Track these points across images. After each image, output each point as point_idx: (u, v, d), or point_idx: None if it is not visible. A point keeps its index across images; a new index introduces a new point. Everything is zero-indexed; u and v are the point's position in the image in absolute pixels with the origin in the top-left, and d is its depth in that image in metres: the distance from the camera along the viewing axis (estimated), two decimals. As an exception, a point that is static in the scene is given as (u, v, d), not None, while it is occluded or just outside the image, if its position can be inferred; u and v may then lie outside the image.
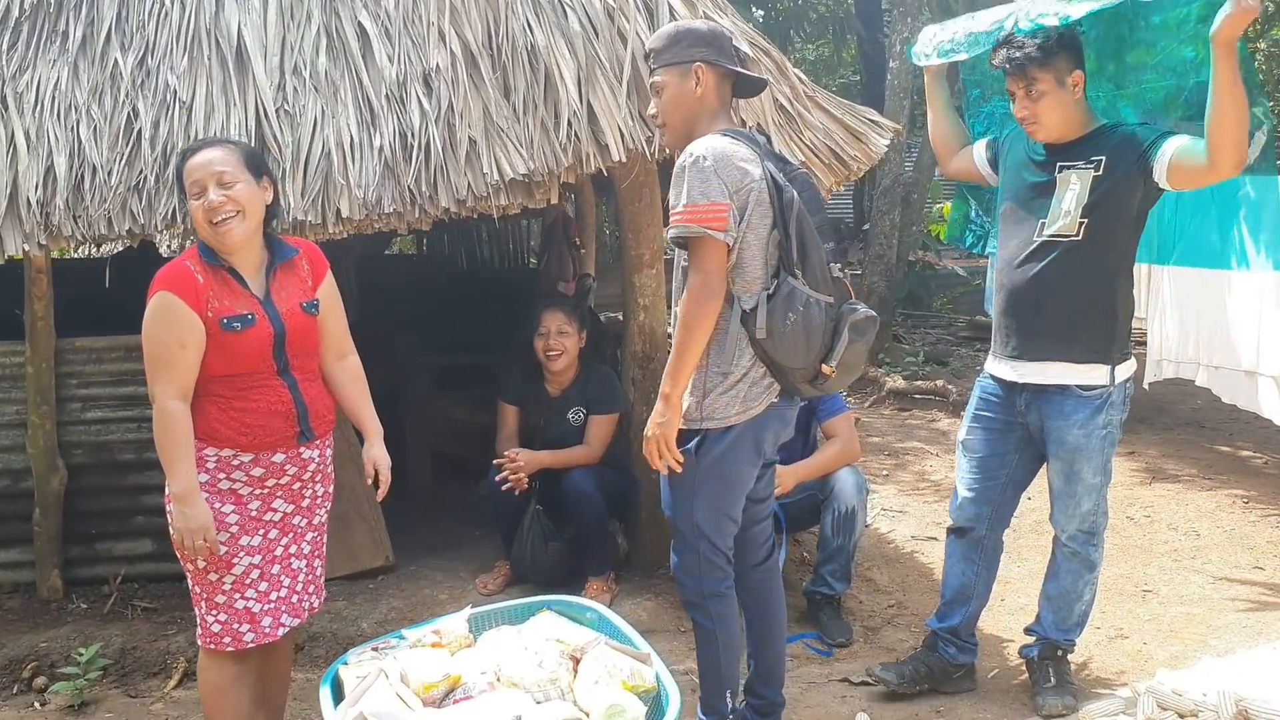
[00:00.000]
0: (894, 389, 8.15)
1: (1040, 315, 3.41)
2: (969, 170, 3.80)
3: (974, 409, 3.70)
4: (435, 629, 2.59)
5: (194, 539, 2.84)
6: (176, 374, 2.86)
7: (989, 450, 3.63)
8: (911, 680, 3.70)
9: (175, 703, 3.84)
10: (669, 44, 3.09)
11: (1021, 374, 3.48)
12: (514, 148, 3.97)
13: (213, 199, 2.84)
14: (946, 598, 3.76)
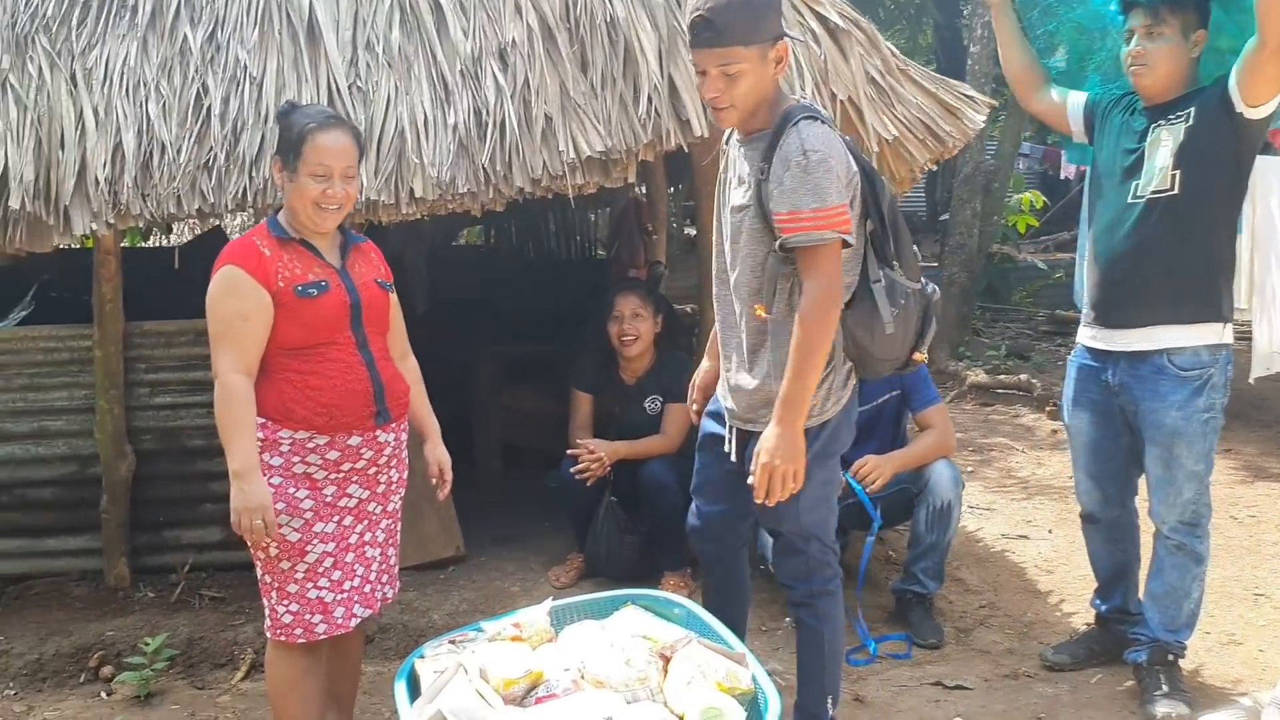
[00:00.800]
0: (976, 383, 7.89)
1: (1142, 279, 3.28)
2: (1056, 114, 3.63)
3: (1072, 392, 3.60)
4: (515, 622, 2.43)
5: (251, 518, 2.73)
6: (239, 348, 2.77)
7: (1097, 433, 3.52)
8: (1086, 658, 3.71)
9: (242, 695, 3.73)
10: (747, 16, 2.62)
11: (1124, 343, 3.34)
12: (591, 125, 3.82)
13: (337, 190, 2.79)
14: (1103, 578, 3.72)
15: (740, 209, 2.81)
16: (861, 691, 3.62)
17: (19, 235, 3.70)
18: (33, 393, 4.34)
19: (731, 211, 2.85)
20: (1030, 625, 4.15)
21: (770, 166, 2.69)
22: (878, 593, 4.34)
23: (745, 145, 2.83)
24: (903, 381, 4.13)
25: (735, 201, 2.83)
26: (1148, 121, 3.29)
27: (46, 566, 4.43)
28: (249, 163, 3.74)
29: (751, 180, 2.75)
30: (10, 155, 3.70)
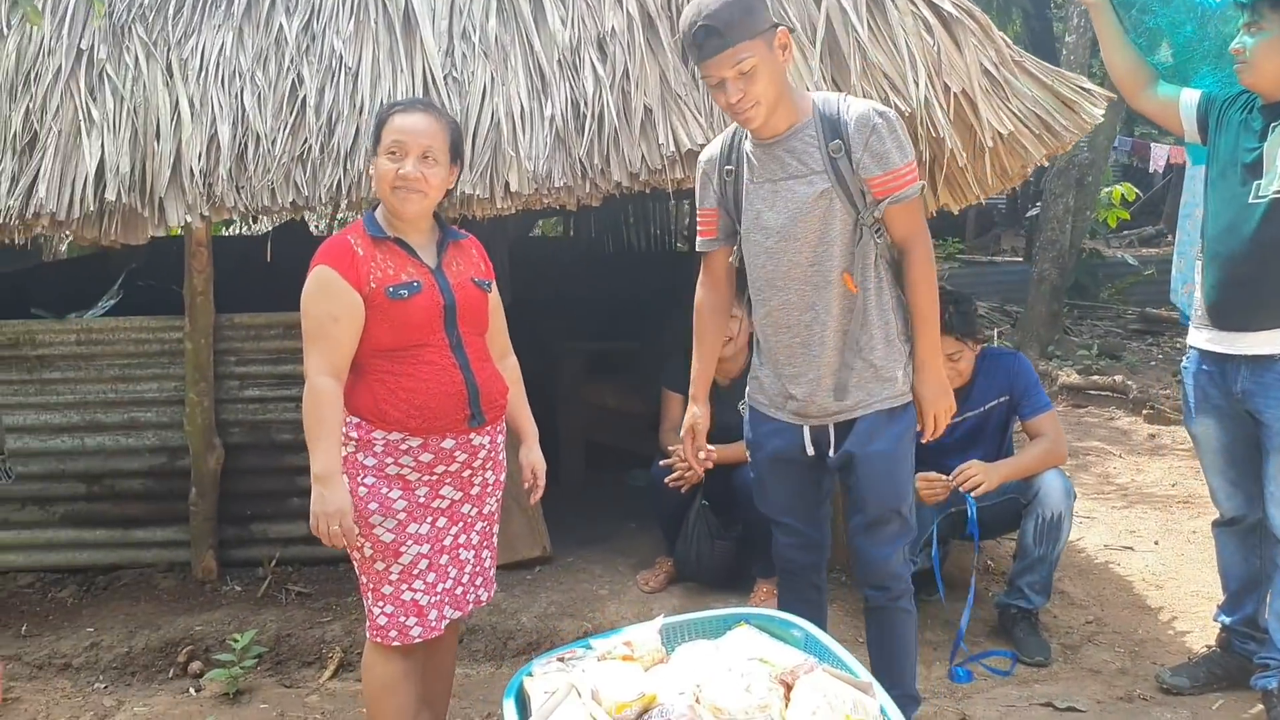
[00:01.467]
0: (1068, 384, 7.64)
1: (1265, 280, 3.18)
2: (1167, 114, 3.49)
3: (1193, 399, 3.48)
4: (626, 640, 2.33)
5: (330, 523, 2.68)
6: (329, 349, 2.71)
7: (1228, 437, 3.40)
8: (1206, 682, 3.54)
9: (331, 695, 3.69)
10: (743, 12, 2.63)
11: (1242, 346, 3.25)
12: (692, 117, 3.71)
13: (409, 170, 2.70)
14: (1233, 589, 3.55)
15: (819, 196, 2.77)
16: (969, 711, 3.47)
17: (114, 227, 3.69)
18: (124, 384, 4.33)
19: (811, 202, 2.77)
20: (1142, 644, 3.96)
21: (845, 140, 2.74)
22: (979, 605, 4.17)
23: (781, 143, 2.81)
24: (1012, 387, 3.97)
25: (808, 192, 2.78)
26: (1266, 120, 3.17)
27: (135, 558, 4.43)
28: (343, 155, 3.68)
29: (823, 163, 2.76)
30: (107, 146, 3.69)
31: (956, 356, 3.89)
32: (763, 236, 2.86)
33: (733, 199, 2.93)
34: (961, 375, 3.93)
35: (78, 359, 4.33)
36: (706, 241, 3.04)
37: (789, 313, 2.87)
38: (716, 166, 2.95)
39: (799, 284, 2.84)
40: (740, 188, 2.90)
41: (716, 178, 2.95)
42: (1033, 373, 4.07)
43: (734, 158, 2.91)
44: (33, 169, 3.68)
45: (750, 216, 2.88)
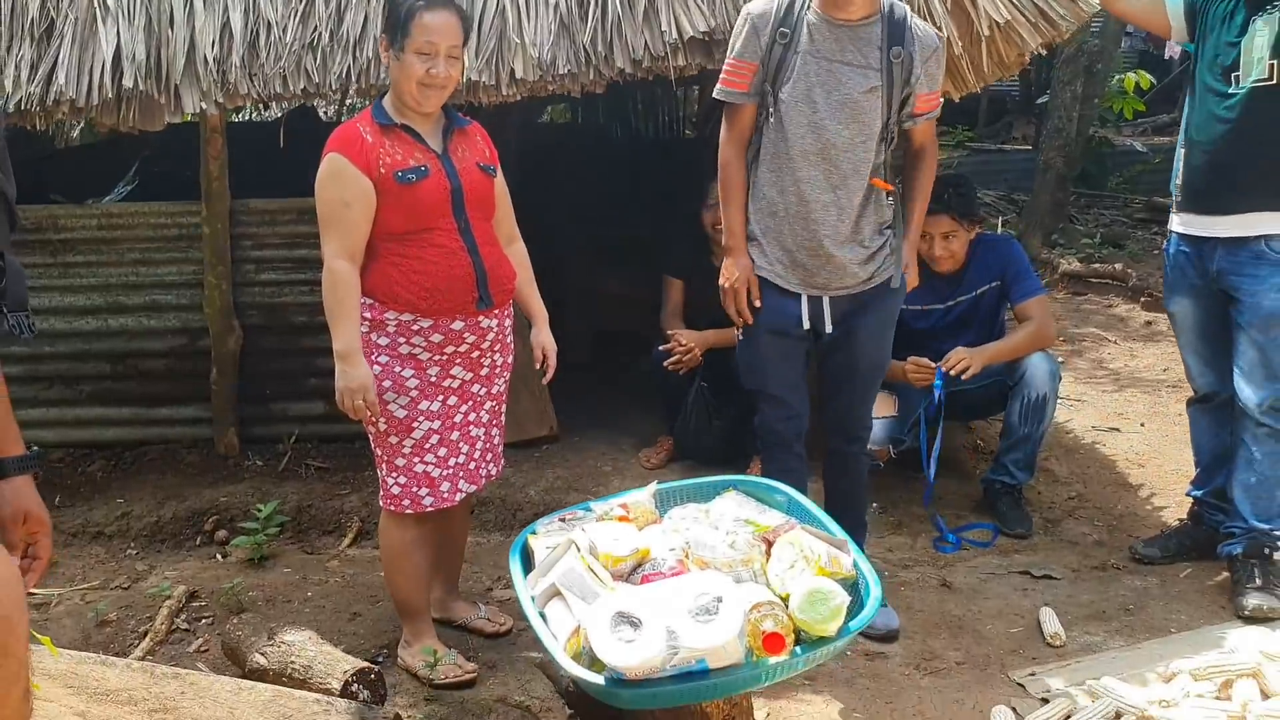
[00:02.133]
0: (1069, 271, 7.72)
1: (1241, 166, 3.32)
2: (1151, 13, 3.61)
3: (1171, 278, 3.65)
4: (622, 503, 2.51)
5: (353, 398, 2.84)
6: (343, 234, 2.84)
7: (1203, 315, 3.57)
8: (1177, 552, 3.74)
9: (350, 560, 3.92)
10: None
11: (1220, 229, 3.40)
12: (695, 4, 3.76)
13: (441, 70, 2.81)
14: (1204, 463, 3.73)
15: (869, 91, 2.97)
16: (949, 577, 3.68)
17: (132, 114, 3.79)
18: (144, 267, 4.48)
19: (853, 85, 2.96)
20: (1120, 518, 4.16)
21: (907, 51, 2.97)
22: (967, 482, 4.38)
23: (850, 28, 2.96)
24: (1004, 272, 4.09)
25: (860, 84, 2.97)
26: (1248, 13, 3.28)
27: (161, 434, 4.63)
28: (352, 42, 3.76)
29: (880, 63, 2.96)
30: (123, 34, 3.77)
31: (951, 236, 4.01)
32: (810, 110, 2.98)
33: (778, 62, 2.99)
34: (954, 255, 4.05)
35: (99, 243, 4.47)
36: (738, 94, 3.05)
37: (814, 188, 3.02)
38: (771, 24, 2.98)
39: (830, 165, 3.00)
40: (791, 54, 2.98)
41: (768, 35, 2.98)
42: (1024, 258, 4.19)
43: (792, 22, 2.97)
44: (51, 56, 3.77)
45: (800, 88, 2.98)
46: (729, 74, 3.06)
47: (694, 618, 1.98)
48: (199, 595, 3.61)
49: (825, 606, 2.07)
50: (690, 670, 1.99)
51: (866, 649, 3.23)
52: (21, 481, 1.73)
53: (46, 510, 1.77)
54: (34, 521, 1.72)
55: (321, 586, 3.68)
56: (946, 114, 12.95)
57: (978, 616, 3.43)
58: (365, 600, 3.56)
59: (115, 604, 3.56)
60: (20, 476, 1.73)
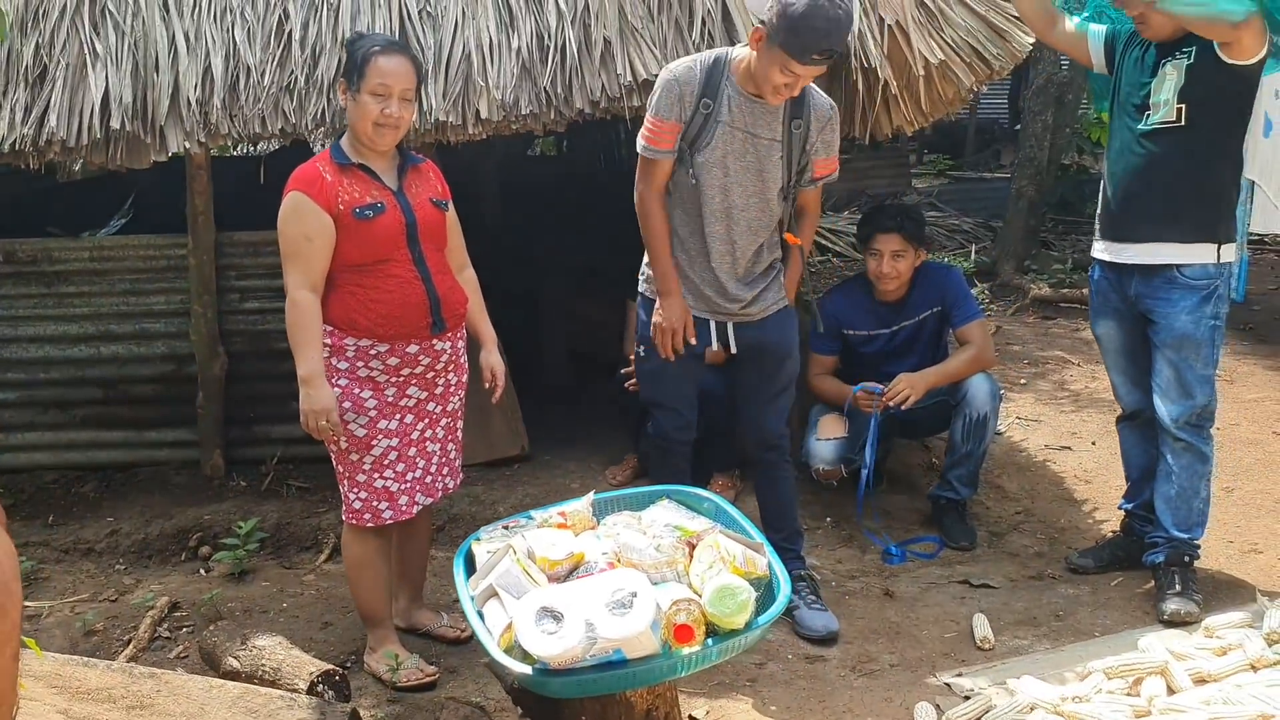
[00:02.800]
0: (1039, 296, 7.93)
1: (1147, 198, 3.55)
2: (1076, 46, 3.85)
3: (1097, 303, 3.88)
4: (561, 511, 2.71)
5: (317, 419, 3.05)
6: (305, 266, 3.04)
7: (1127, 337, 3.79)
8: (1109, 563, 3.94)
9: (325, 574, 4.12)
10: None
11: (1129, 255, 3.63)
12: (648, 48, 4.00)
13: (394, 110, 3.02)
14: (1133, 478, 3.94)
15: (775, 160, 3.31)
16: (892, 587, 3.88)
17: (120, 153, 4.02)
18: (134, 297, 4.71)
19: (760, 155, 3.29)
20: (1062, 531, 4.36)
21: (805, 122, 3.30)
22: (916, 497, 4.58)
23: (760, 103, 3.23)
24: (944, 297, 4.30)
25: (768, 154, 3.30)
26: (1158, 56, 3.52)
27: (149, 456, 4.84)
28: (327, 85, 3.99)
29: (783, 134, 3.29)
30: (111, 78, 4.01)
31: (899, 255, 4.21)
32: (722, 174, 3.29)
33: (698, 129, 3.25)
34: (900, 276, 4.24)
35: (91, 274, 4.70)
36: (664, 152, 3.28)
37: (717, 241, 3.35)
38: (695, 93, 3.22)
39: (732, 221, 3.33)
40: (711, 123, 3.24)
41: (692, 102, 3.22)
42: (964, 285, 4.40)
43: (714, 93, 3.22)
44: (44, 100, 4.01)
45: (716, 154, 3.26)
46: (654, 133, 3.27)
47: (610, 611, 2.19)
48: (181, 606, 3.82)
49: (733, 601, 2.28)
50: (609, 660, 2.20)
51: (807, 653, 3.43)
52: None
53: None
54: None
55: (297, 598, 3.88)
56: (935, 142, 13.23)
57: (915, 623, 3.63)
58: (337, 611, 3.77)
59: (102, 615, 3.77)
60: None
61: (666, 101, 3.23)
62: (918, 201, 11.27)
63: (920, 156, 15.24)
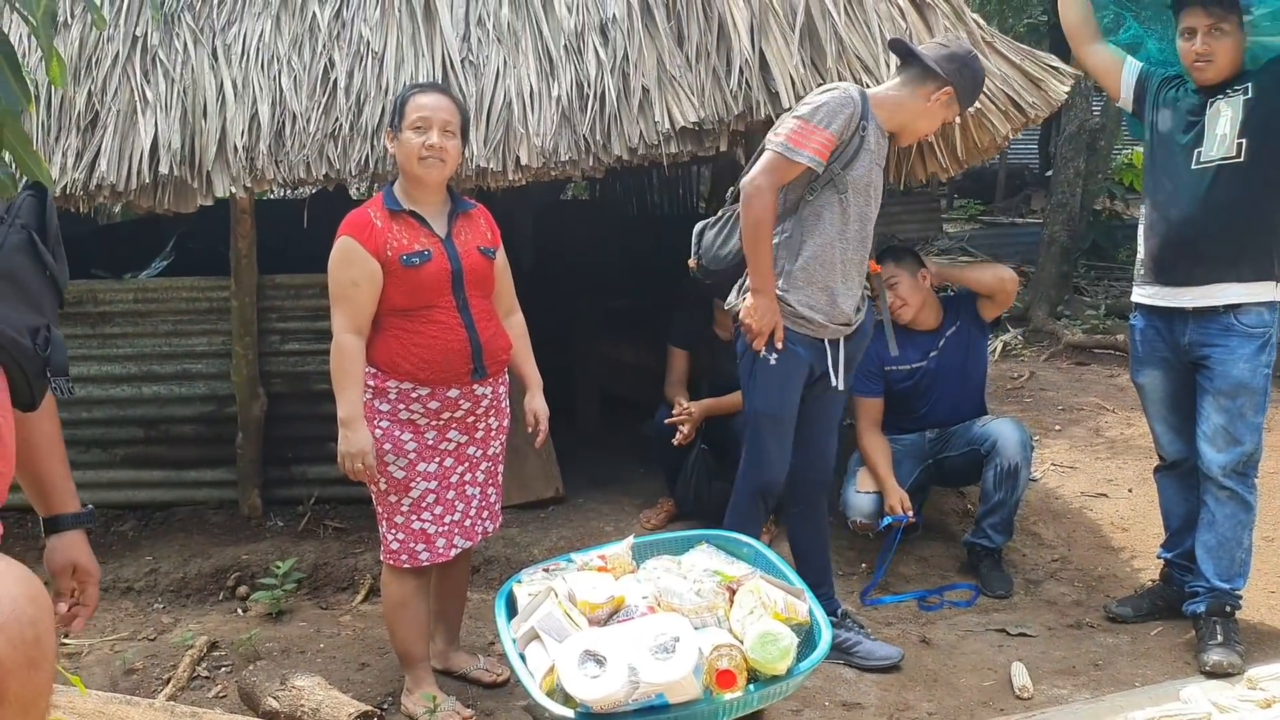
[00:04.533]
0: (1072, 342, 7.92)
1: (1205, 239, 3.50)
2: (1109, 72, 3.82)
3: (1141, 351, 3.83)
4: (601, 554, 2.73)
5: (354, 461, 3.08)
6: (351, 310, 3.09)
7: (1172, 386, 3.75)
8: (1149, 612, 3.91)
9: (362, 615, 4.13)
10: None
11: (1186, 300, 3.59)
12: (685, 96, 4.05)
13: (434, 140, 3.06)
14: (1173, 527, 3.90)
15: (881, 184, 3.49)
16: (929, 634, 3.85)
17: (167, 197, 4.11)
18: (177, 338, 4.79)
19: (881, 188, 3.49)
20: (1099, 579, 4.32)
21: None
22: (951, 544, 4.56)
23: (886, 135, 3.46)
24: (960, 307, 4.36)
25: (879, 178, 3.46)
26: (1203, 97, 3.51)
27: (188, 496, 4.90)
28: (371, 132, 4.07)
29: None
30: (160, 124, 4.10)
31: (894, 280, 4.23)
32: (864, 200, 3.41)
33: (854, 150, 3.33)
34: (907, 299, 4.25)
35: (135, 315, 4.78)
36: (813, 159, 3.26)
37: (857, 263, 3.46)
38: (857, 118, 3.31)
39: (866, 245, 3.48)
40: (863, 149, 3.35)
41: (854, 125, 3.31)
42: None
43: (867, 124, 3.34)
44: (95, 145, 4.11)
45: (863, 178, 3.37)
46: (818, 140, 3.25)
47: (653, 655, 2.20)
48: (219, 645, 3.84)
49: (775, 647, 2.28)
50: (651, 704, 2.21)
51: (845, 700, 3.41)
52: (75, 536, 1.96)
53: (96, 562, 1.99)
54: (82, 572, 1.94)
55: (333, 639, 3.90)
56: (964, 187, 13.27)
57: (953, 671, 3.60)
58: (374, 652, 3.78)
59: (142, 653, 3.80)
60: (74, 531, 1.96)
61: (842, 117, 3.27)
62: (949, 246, 11.30)
63: (950, 201, 15.29)
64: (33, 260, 1.72)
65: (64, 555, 1.95)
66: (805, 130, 3.25)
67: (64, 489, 1.98)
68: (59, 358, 1.77)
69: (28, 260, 1.71)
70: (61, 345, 1.79)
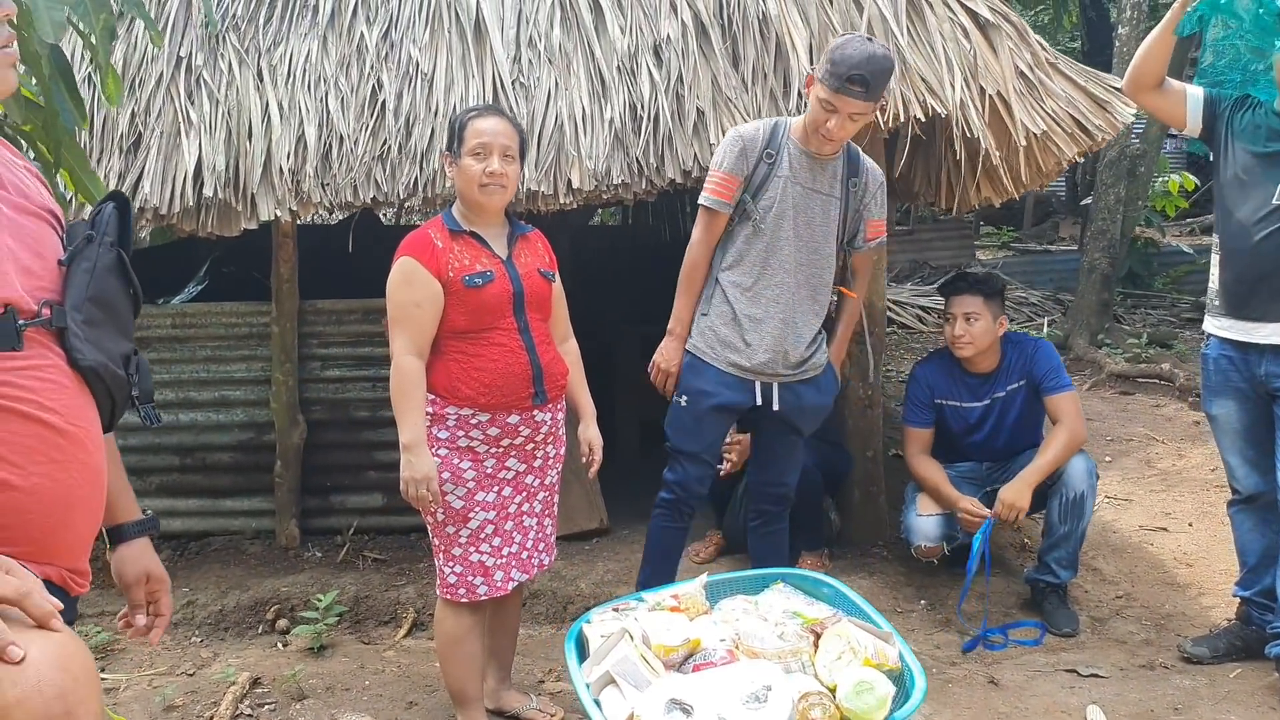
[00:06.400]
0: (1115, 371, 7.77)
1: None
2: (1172, 107, 3.65)
3: (1214, 382, 3.69)
4: (674, 594, 2.61)
5: (418, 488, 2.96)
6: (412, 332, 2.99)
7: (1248, 418, 3.62)
8: (1226, 653, 3.74)
9: (406, 650, 4.01)
10: (888, 80, 3.26)
11: (1264, 335, 3.46)
12: (741, 117, 3.96)
13: (496, 166, 2.98)
14: (1250, 564, 3.75)
15: (832, 216, 3.46)
16: (996, 675, 3.70)
17: (211, 220, 4.02)
18: (215, 364, 4.69)
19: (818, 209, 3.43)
20: (1168, 617, 4.17)
21: (862, 183, 3.46)
22: (1012, 579, 4.41)
23: (822, 162, 3.40)
24: (1032, 370, 4.16)
25: (826, 210, 3.44)
26: None
27: (224, 525, 4.79)
28: (420, 154, 3.98)
29: (841, 192, 3.45)
30: (204, 146, 4.02)
31: (973, 318, 4.09)
32: (787, 227, 3.40)
33: (760, 180, 3.39)
34: (975, 341, 4.10)
35: (173, 341, 4.69)
36: (724, 203, 3.43)
37: (781, 291, 3.43)
38: (759, 147, 3.39)
39: (794, 273, 3.43)
40: (773, 176, 3.38)
41: (755, 156, 3.39)
42: (1054, 356, 4.24)
43: (776, 147, 3.39)
44: (138, 167, 4.03)
45: (779, 206, 3.39)
46: (718, 185, 3.43)
47: (744, 705, 2.07)
48: (261, 682, 3.72)
49: (871, 696, 2.15)
50: (740, 757, 2.07)
51: (913, 745, 3.27)
52: (141, 544, 1.88)
53: (164, 569, 1.91)
54: (155, 580, 1.87)
55: (379, 675, 3.78)
56: (992, 215, 13.14)
57: (1025, 713, 3.45)
58: (421, 690, 3.65)
59: (181, 689, 3.68)
60: (140, 539, 1.88)
61: (731, 156, 3.40)
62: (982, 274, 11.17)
63: (977, 229, 15.16)
64: (122, 281, 1.64)
65: (135, 565, 1.88)
66: (709, 177, 3.46)
67: (125, 497, 1.91)
68: (146, 384, 1.69)
69: (118, 281, 1.63)
70: (148, 370, 1.70)
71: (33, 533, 1.47)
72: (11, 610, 1.32)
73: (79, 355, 1.53)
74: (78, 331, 1.53)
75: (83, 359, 1.53)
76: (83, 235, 1.61)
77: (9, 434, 1.43)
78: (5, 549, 1.43)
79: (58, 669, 1.33)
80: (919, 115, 3.80)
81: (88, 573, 1.64)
